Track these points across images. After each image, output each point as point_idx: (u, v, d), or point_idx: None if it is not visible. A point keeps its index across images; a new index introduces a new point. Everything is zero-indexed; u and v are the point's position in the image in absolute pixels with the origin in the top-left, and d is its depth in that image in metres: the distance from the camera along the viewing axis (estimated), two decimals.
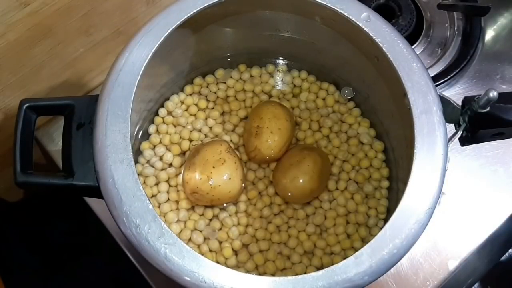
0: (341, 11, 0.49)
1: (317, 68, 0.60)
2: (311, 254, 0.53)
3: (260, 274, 0.52)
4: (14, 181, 0.45)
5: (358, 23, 0.49)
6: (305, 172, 0.53)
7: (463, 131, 0.46)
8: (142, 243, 0.41)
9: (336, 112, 0.59)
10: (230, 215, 0.54)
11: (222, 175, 0.52)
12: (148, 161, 0.56)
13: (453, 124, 0.47)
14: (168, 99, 0.59)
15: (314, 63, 0.60)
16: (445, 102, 0.47)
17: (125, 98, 0.45)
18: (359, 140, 0.58)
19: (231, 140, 0.57)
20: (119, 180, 0.42)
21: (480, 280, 0.76)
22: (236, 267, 0.52)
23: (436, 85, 0.64)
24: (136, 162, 0.50)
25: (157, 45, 0.47)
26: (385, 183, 0.56)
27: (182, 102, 0.59)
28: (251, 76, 0.61)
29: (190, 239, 0.53)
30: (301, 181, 0.53)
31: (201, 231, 0.53)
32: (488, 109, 0.44)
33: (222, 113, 0.59)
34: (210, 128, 0.58)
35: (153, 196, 0.54)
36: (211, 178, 0.51)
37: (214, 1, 0.49)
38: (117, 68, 0.46)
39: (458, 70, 0.67)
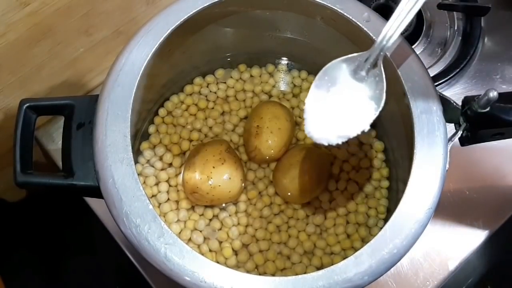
0: (341, 11, 0.49)
1: (317, 68, 0.60)
2: (311, 254, 0.53)
3: (260, 274, 0.52)
4: (14, 181, 0.45)
5: (358, 23, 0.49)
6: (305, 172, 0.53)
7: (463, 131, 0.46)
8: (142, 243, 0.41)
9: None
10: (230, 215, 0.54)
11: (222, 175, 0.52)
12: (148, 161, 0.56)
13: (453, 124, 0.47)
14: (168, 99, 0.59)
15: (314, 63, 0.60)
16: (445, 102, 0.47)
17: (125, 98, 0.45)
18: (359, 140, 0.58)
19: (231, 140, 0.57)
20: (119, 180, 0.42)
21: (480, 280, 0.76)
22: (236, 267, 0.52)
23: (436, 85, 0.64)
24: (136, 162, 0.50)
25: (157, 45, 0.47)
26: (385, 183, 0.56)
27: (182, 102, 0.59)
28: (251, 76, 0.61)
29: (190, 239, 0.53)
30: (301, 181, 0.53)
31: (201, 231, 0.53)
32: (488, 109, 0.44)
33: (222, 113, 0.59)
34: (210, 128, 0.58)
35: (153, 196, 0.54)
36: (211, 178, 0.51)
37: (214, 1, 0.49)
38: (117, 68, 0.46)
39: (458, 70, 0.67)
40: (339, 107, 0.42)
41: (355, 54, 0.43)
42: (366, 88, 0.43)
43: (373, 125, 0.58)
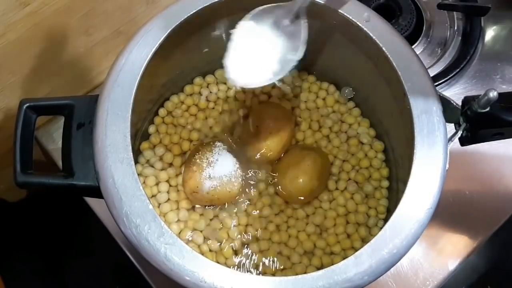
0: (341, 11, 0.49)
1: (317, 68, 0.60)
2: (311, 254, 0.53)
3: (260, 274, 0.52)
4: (14, 181, 0.45)
5: (358, 23, 0.49)
6: (305, 172, 0.53)
7: (463, 131, 0.46)
8: (142, 243, 0.41)
9: (336, 112, 0.59)
10: (230, 215, 0.54)
11: (222, 175, 0.52)
12: (148, 161, 0.56)
13: (453, 124, 0.47)
14: (168, 99, 0.59)
15: (314, 63, 0.60)
16: (445, 102, 0.47)
17: (125, 98, 0.45)
18: (359, 140, 0.58)
19: (231, 140, 0.57)
20: (119, 180, 0.42)
21: (479, 280, 0.76)
22: (236, 267, 0.52)
23: (436, 85, 0.64)
24: (136, 162, 0.50)
25: (157, 45, 0.47)
26: (385, 183, 0.56)
27: (182, 102, 0.59)
28: None
29: (190, 239, 0.53)
30: (301, 181, 0.53)
31: (201, 231, 0.53)
32: (488, 109, 0.44)
33: (222, 113, 0.59)
34: (210, 128, 0.58)
35: (153, 196, 0.54)
36: (211, 178, 0.51)
37: (214, 0, 0.49)
38: (117, 68, 0.46)
39: (458, 70, 0.67)
40: (260, 54, 0.44)
41: (280, 4, 0.45)
42: (288, 38, 0.45)
43: (373, 125, 0.58)
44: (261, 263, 0.52)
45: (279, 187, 0.54)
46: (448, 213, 0.61)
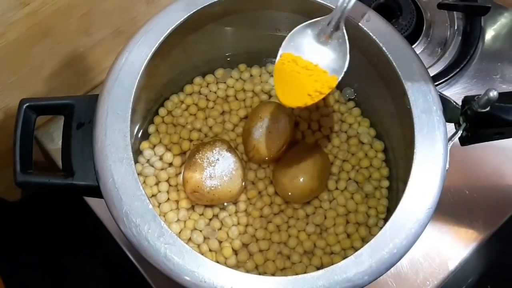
0: None
1: None
2: (311, 254, 0.53)
3: (260, 274, 0.52)
4: (14, 180, 0.45)
5: (358, 22, 0.49)
6: (305, 172, 0.53)
7: (463, 131, 0.46)
8: (142, 242, 0.41)
9: (336, 111, 0.59)
10: (230, 215, 0.54)
11: (222, 175, 0.52)
12: (148, 161, 0.56)
13: (453, 123, 0.47)
14: (168, 98, 0.59)
15: None
16: (445, 102, 0.47)
17: (125, 97, 0.45)
18: (359, 139, 0.58)
19: (231, 140, 0.57)
20: (119, 180, 0.42)
21: (479, 280, 0.75)
22: (236, 266, 0.52)
23: (436, 85, 0.64)
24: (136, 161, 0.50)
25: (157, 44, 0.47)
26: (385, 183, 0.56)
27: (182, 102, 0.59)
28: (251, 75, 0.61)
29: (190, 239, 0.53)
30: (301, 180, 0.53)
31: (201, 231, 0.53)
32: (488, 108, 0.44)
33: (222, 113, 0.59)
34: (210, 127, 0.58)
35: (153, 195, 0.54)
36: (212, 177, 0.51)
37: (214, 0, 0.49)
38: (117, 67, 0.46)
39: (458, 69, 0.67)
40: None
41: (318, 19, 0.46)
42: (331, 51, 0.45)
43: (373, 125, 0.58)
44: (261, 263, 0.52)
45: (279, 186, 0.54)
46: (448, 212, 0.61)
